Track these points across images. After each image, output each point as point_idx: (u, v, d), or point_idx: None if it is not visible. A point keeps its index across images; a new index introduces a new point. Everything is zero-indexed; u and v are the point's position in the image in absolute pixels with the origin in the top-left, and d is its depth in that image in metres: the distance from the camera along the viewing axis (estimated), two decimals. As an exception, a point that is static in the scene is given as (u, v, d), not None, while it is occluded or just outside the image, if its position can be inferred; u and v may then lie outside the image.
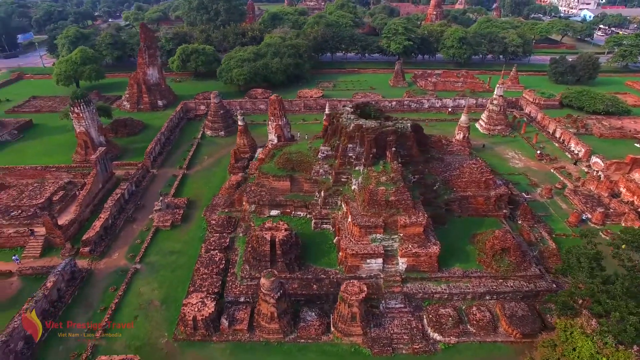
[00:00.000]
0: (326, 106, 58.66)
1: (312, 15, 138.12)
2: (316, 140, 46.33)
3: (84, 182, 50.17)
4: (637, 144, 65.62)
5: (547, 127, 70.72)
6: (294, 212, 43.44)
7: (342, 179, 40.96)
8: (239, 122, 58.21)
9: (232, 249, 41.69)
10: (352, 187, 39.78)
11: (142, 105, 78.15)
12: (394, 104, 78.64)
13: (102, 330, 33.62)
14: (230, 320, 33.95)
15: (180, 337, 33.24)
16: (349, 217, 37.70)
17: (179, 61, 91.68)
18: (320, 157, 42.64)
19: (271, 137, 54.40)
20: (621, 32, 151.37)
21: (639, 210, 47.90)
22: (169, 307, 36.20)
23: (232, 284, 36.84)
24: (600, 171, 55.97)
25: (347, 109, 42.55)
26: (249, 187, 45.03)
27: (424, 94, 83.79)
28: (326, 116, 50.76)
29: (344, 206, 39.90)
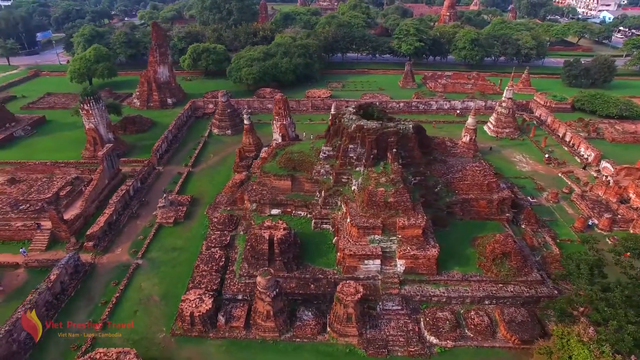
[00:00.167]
0: (332, 106, 58.70)
1: (325, 15, 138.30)
2: (318, 140, 46.42)
3: (91, 177, 51.13)
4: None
5: (556, 130, 69.49)
6: (294, 212, 43.59)
7: (342, 180, 40.94)
8: (245, 121, 58.58)
9: (232, 246, 42.03)
10: (352, 188, 39.73)
11: (152, 103, 79.33)
12: (402, 105, 78.21)
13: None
14: (227, 317, 34.25)
15: (177, 333, 33.67)
16: (348, 218, 37.66)
17: (190, 60, 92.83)
18: (321, 157, 42.70)
19: (275, 137, 54.65)
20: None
21: (648, 217, 46.78)
22: (168, 303, 36.66)
23: (231, 282, 37.15)
24: (609, 176, 54.71)
25: (350, 109, 42.53)
26: (251, 185, 45.35)
27: (432, 95, 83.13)
28: (331, 116, 50.78)
29: (343, 207, 39.88)
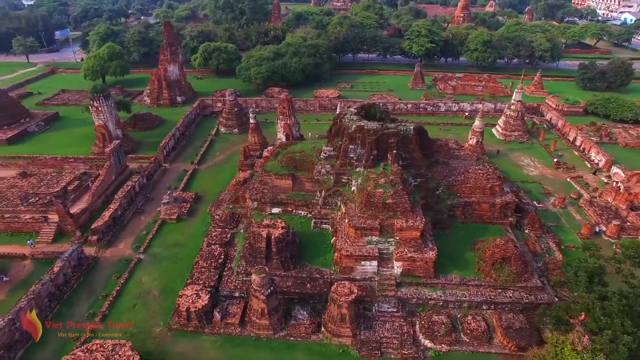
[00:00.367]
0: (337, 106, 58.73)
1: (337, 15, 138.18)
2: (320, 140, 46.50)
3: (98, 173, 52.18)
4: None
5: (567, 134, 68.11)
6: (295, 211, 43.72)
7: (342, 180, 40.93)
8: (251, 120, 58.98)
9: (232, 244, 42.41)
10: (352, 189, 39.67)
11: (162, 100, 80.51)
12: (410, 106, 77.68)
13: (100, 315, 34.99)
14: (223, 313, 34.59)
15: (174, 327, 34.17)
16: (346, 218, 37.61)
17: (201, 59, 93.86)
18: (322, 157, 42.74)
19: (279, 136, 54.96)
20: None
21: (658, 225, 45.53)
22: (166, 298, 37.20)
23: (228, 279, 37.50)
24: (620, 182, 53.40)
25: (351, 109, 42.49)
26: (253, 184, 45.66)
27: (441, 97, 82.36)
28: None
29: (342, 207, 39.85)
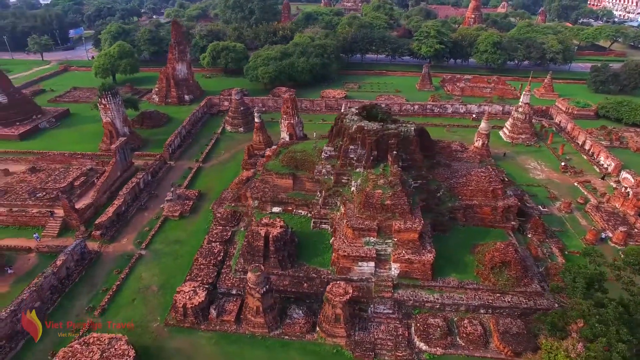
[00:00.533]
0: (342, 107, 58.70)
1: (347, 15, 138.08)
2: (322, 140, 46.52)
3: (104, 169, 53.01)
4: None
5: (576, 138, 66.96)
6: (295, 210, 43.87)
7: (342, 180, 40.92)
8: (255, 119, 59.32)
9: (232, 242, 42.70)
10: (351, 189, 39.62)
11: (170, 99, 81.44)
12: (416, 107, 77.24)
13: (100, 310, 35.61)
14: (219, 310, 34.87)
15: (170, 323, 34.56)
16: (345, 219, 37.59)
17: (209, 57, 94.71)
18: (323, 157, 42.80)
19: (283, 135, 55.15)
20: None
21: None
22: (165, 293, 37.63)
23: (226, 276, 37.78)
24: (629, 187, 52.34)
25: (353, 109, 42.43)
26: (254, 183, 45.93)
27: (449, 98, 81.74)
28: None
29: (342, 207, 39.83)
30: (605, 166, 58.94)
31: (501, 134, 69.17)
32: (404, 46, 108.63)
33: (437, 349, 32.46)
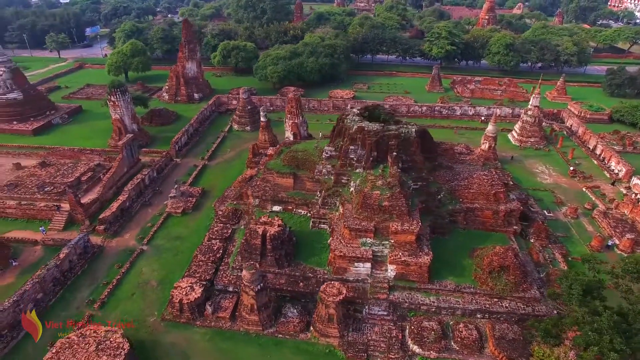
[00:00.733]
0: (349, 107, 58.58)
1: (359, 15, 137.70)
2: (324, 139, 46.52)
3: (111, 165, 54.02)
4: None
5: (587, 142, 65.50)
6: (295, 210, 43.99)
7: (342, 180, 40.87)
8: (262, 118, 59.57)
9: (232, 240, 43.07)
10: (350, 189, 39.54)
11: (180, 97, 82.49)
12: (424, 109, 76.61)
13: (100, 303, 36.33)
14: (215, 307, 35.22)
15: (167, 318, 35.06)
16: (342, 219, 37.55)
17: (220, 56, 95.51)
18: (324, 157, 42.80)
19: (287, 135, 55.37)
20: None
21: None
22: (163, 289, 38.17)
23: (223, 273, 38.13)
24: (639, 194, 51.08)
25: (354, 110, 42.33)
26: (255, 181, 46.20)
27: (458, 100, 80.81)
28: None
29: (340, 207, 39.80)
30: (616, 172, 57.55)
31: (510, 137, 68.14)
32: (415, 47, 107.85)
33: (431, 352, 32.19)
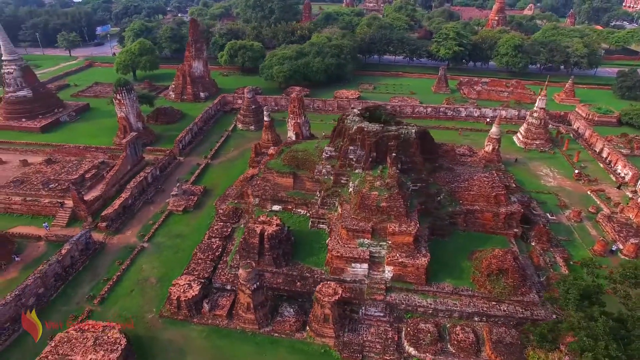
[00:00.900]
0: (351, 107, 58.49)
1: (367, 16, 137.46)
2: (325, 139, 46.53)
3: (115, 163, 54.64)
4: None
5: (594, 145, 64.53)
6: (294, 209, 44.07)
7: (341, 181, 40.84)
8: (265, 118, 59.88)
9: (231, 238, 43.30)
10: (349, 190, 39.50)
11: (186, 96, 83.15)
12: (429, 110, 76.19)
13: (99, 299, 36.82)
14: (212, 305, 35.44)
15: (165, 315, 35.40)
16: (340, 219, 37.53)
17: (227, 56, 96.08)
18: (324, 157, 42.82)
19: (290, 134, 55.49)
20: None
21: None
22: (162, 286, 38.53)
23: (222, 271, 38.36)
24: (645, 198, 50.14)
25: (355, 110, 42.28)
26: (256, 180, 46.39)
27: (464, 102, 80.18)
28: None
29: (339, 208, 39.77)
30: (622, 175, 56.62)
31: (515, 139, 67.42)
32: (422, 48, 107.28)
33: (427, 354, 32.01)
